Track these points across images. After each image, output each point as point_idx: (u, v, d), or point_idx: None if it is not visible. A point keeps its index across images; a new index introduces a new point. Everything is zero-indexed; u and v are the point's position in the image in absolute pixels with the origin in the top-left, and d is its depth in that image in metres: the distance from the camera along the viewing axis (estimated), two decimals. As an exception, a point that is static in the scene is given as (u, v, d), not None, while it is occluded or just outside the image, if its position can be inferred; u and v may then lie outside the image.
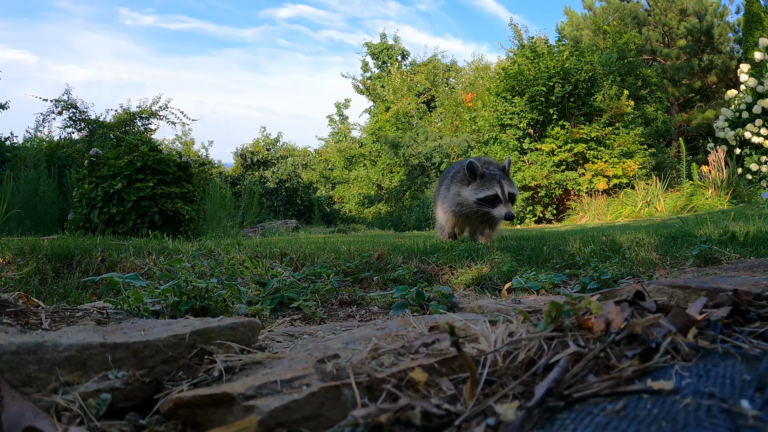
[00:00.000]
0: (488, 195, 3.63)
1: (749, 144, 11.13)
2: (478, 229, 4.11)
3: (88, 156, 5.73)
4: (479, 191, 3.67)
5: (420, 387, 0.74)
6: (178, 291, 1.63)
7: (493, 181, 3.65)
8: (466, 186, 3.74)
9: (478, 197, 3.66)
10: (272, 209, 17.02)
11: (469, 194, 3.69)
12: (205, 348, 0.96)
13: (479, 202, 3.66)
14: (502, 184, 3.63)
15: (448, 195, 3.92)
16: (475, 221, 3.93)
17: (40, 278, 2.16)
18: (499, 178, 3.66)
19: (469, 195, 3.70)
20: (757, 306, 0.90)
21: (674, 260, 2.71)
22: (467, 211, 3.76)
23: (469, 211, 3.74)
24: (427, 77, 21.64)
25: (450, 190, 3.91)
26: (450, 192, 3.90)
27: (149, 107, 13.28)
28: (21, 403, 0.74)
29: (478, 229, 4.11)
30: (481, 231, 4.04)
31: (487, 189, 3.65)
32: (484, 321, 0.96)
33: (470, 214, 3.77)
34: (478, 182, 3.70)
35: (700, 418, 0.59)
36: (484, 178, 3.68)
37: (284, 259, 2.67)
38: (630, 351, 0.77)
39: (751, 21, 12.74)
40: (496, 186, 3.63)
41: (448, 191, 3.94)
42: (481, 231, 4.03)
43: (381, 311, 1.95)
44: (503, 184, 3.64)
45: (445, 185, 4.09)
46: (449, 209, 3.92)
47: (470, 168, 3.69)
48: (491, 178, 3.66)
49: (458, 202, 3.81)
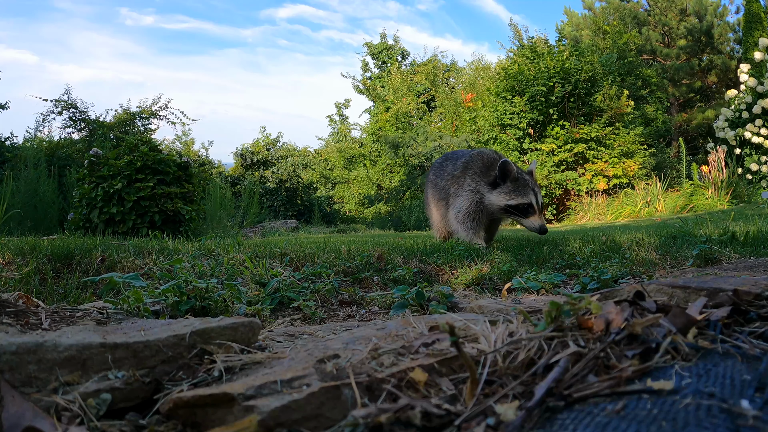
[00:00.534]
0: (522, 203, 3.26)
1: (749, 144, 11.14)
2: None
3: (88, 156, 5.73)
4: (511, 197, 3.26)
5: (420, 387, 0.74)
6: (178, 291, 1.63)
7: (527, 188, 3.28)
8: (493, 188, 3.33)
9: (509, 203, 3.27)
10: (272, 209, 17.02)
11: (498, 199, 3.29)
12: (205, 348, 0.96)
13: (510, 209, 3.28)
14: (536, 192, 3.29)
15: (463, 194, 3.45)
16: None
17: (40, 278, 2.16)
18: (532, 185, 3.30)
19: (497, 199, 3.30)
20: (757, 306, 0.90)
21: (674, 260, 2.71)
22: (486, 216, 3.39)
23: (490, 216, 3.39)
24: (427, 77, 21.64)
25: (464, 187, 3.45)
26: (465, 190, 3.44)
27: (149, 107, 13.28)
28: (21, 403, 0.74)
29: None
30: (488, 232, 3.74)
31: (521, 196, 3.26)
32: (484, 321, 0.96)
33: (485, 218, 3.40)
34: (510, 186, 3.29)
35: (700, 418, 0.59)
36: (517, 183, 3.28)
37: (284, 259, 2.67)
38: (630, 351, 0.77)
39: (751, 21, 12.74)
40: (530, 194, 3.26)
41: (462, 188, 3.48)
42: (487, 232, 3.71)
43: (381, 311, 1.95)
44: (536, 192, 3.30)
45: (453, 180, 3.61)
46: (464, 210, 3.45)
47: (504, 169, 3.27)
48: (525, 185, 3.28)
49: (479, 205, 3.39)
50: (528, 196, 3.26)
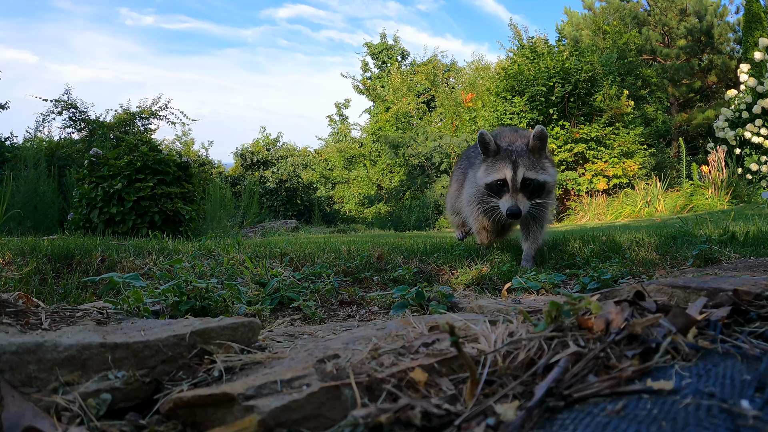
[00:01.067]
0: (495, 180, 2.68)
1: (749, 144, 11.13)
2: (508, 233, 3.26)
3: (88, 156, 5.73)
4: (487, 174, 2.73)
5: (420, 387, 0.74)
6: (178, 291, 1.64)
7: (506, 160, 2.66)
8: (479, 165, 2.83)
9: (485, 182, 2.74)
10: (272, 209, 17.02)
11: (479, 179, 2.80)
12: (205, 348, 0.96)
13: (487, 189, 2.75)
14: (517, 165, 2.63)
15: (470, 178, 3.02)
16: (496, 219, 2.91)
17: (40, 278, 2.16)
18: (515, 157, 2.65)
19: (479, 180, 2.80)
20: (757, 306, 0.90)
21: (674, 260, 2.71)
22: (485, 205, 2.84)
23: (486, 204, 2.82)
24: (427, 77, 21.63)
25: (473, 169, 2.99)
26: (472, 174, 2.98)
27: (149, 107, 13.28)
28: (21, 403, 0.74)
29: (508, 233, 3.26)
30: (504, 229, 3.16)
31: (494, 171, 2.69)
32: (484, 321, 0.96)
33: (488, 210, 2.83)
34: (489, 161, 2.74)
35: (700, 418, 0.59)
36: (497, 156, 2.71)
37: (284, 259, 2.67)
38: (630, 351, 0.77)
39: (751, 21, 12.73)
40: (506, 168, 2.64)
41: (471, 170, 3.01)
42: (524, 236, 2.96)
43: (381, 311, 1.95)
44: (518, 164, 2.63)
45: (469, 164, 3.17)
46: (467, 198, 3.05)
47: (481, 140, 2.75)
48: (505, 157, 2.67)
49: (473, 189, 2.92)
50: (502, 170, 2.65)
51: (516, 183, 2.63)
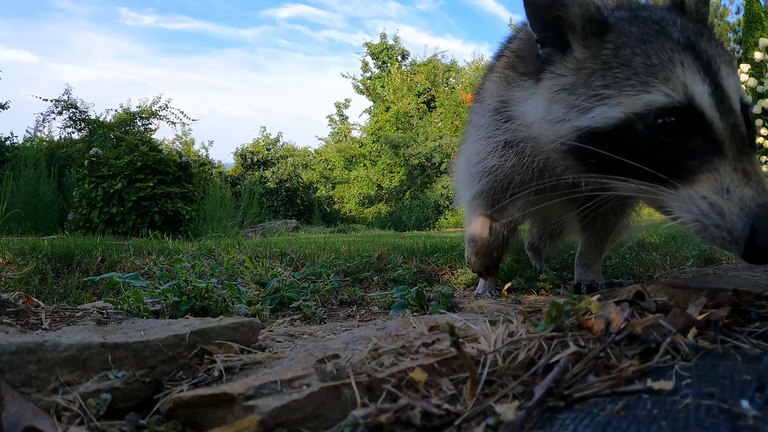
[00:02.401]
0: (644, 109, 1.09)
1: (749, 144, 11.12)
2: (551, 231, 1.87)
3: (88, 156, 5.74)
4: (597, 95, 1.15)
5: (420, 387, 0.74)
6: (178, 291, 1.63)
7: (672, 43, 1.14)
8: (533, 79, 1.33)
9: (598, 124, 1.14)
10: (272, 209, 17.01)
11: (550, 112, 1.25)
12: (205, 348, 0.96)
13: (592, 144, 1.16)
14: (713, 60, 1.13)
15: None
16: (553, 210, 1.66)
17: (40, 278, 2.16)
18: (694, 38, 1.19)
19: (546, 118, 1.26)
20: (757, 306, 0.90)
21: (674, 260, 2.71)
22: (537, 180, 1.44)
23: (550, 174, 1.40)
24: (427, 77, 21.61)
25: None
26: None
27: (149, 107, 13.29)
28: (21, 403, 0.74)
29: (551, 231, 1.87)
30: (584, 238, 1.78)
31: (629, 82, 1.12)
32: (484, 321, 0.96)
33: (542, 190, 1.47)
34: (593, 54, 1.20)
35: (700, 418, 0.59)
36: (628, 34, 1.19)
37: (284, 259, 2.67)
38: (630, 351, 0.77)
39: (751, 21, 12.74)
40: (684, 66, 1.10)
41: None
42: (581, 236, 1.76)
43: (381, 311, 1.95)
44: (720, 68, 1.12)
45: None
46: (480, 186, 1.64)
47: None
48: (658, 33, 1.17)
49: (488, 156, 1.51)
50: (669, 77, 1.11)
51: (738, 120, 1.09)
